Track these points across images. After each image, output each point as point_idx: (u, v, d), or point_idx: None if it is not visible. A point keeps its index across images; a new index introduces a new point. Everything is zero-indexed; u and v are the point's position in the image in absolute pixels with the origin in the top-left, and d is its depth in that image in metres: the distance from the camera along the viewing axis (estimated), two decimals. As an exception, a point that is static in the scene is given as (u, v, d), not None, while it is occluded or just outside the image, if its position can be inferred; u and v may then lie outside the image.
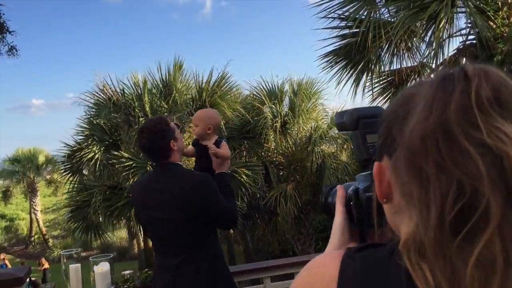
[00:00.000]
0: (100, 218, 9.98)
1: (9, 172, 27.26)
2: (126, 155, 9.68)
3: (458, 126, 0.61)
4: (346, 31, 6.44)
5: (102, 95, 10.74)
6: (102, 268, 2.86)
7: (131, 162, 9.49)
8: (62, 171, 10.82)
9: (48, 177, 28.15)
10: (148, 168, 9.36)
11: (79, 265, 2.93)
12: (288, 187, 10.74)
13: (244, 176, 10.24)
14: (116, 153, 9.74)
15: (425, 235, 0.59)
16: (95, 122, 10.59)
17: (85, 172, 10.99)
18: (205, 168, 2.84)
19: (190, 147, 3.10)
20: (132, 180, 9.51)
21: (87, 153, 10.18)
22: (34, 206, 27.64)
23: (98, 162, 10.22)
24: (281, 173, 11.73)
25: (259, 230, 11.91)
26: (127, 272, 3.00)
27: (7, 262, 14.92)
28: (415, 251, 0.60)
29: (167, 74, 11.08)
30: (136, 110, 10.05)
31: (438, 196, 0.58)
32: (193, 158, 3.19)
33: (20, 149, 27.71)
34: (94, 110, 10.87)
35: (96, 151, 10.25)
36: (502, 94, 0.63)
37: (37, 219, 27.92)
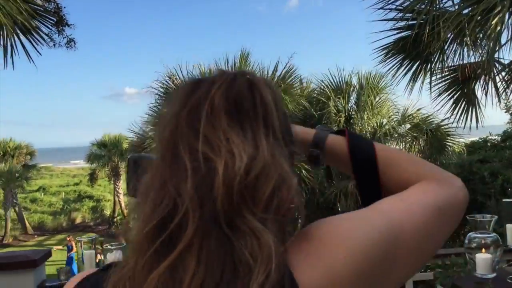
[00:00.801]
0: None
1: (96, 156, 29.10)
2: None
3: (183, 135, 0.59)
4: (404, 23, 6.09)
5: (172, 85, 11.09)
6: (115, 256, 2.97)
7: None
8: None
9: (130, 162, 29.58)
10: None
11: (93, 251, 3.07)
12: (349, 184, 10.44)
13: (304, 171, 10.12)
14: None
15: (133, 240, 0.58)
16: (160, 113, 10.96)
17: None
18: None
19: None
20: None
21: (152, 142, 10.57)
22: (118, 189, 29.31)
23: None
24: (345, 169, 11.41)
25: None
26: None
27: (73, 243, 15.97)
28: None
29: (233, 65, 11.20)
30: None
31: (148, 207, 0.57)
32: None
33: (107, 135, 29.50)
34: (163, 99, 11.25)
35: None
36: (239, 105, 0.57)
37: (119, 201, 29.60)
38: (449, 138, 11.09)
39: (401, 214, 0.67)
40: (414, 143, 11.36)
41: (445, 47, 6.41)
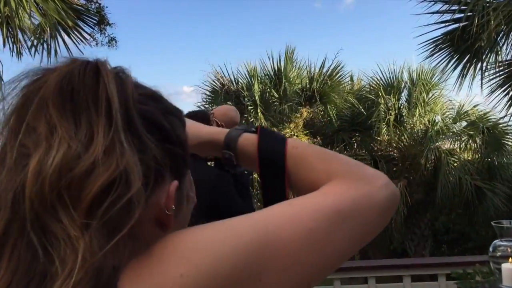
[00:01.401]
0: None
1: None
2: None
3: (12, 129, 0.53)
4: (450, 15, 5.77)
5: (218, 84, 11.20)
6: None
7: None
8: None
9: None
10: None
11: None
12: (398, 184, 10.07)
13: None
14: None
15: None
16: (206, 111, 11.09)
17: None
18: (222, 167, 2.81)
19: None
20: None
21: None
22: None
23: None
24: (394, 169, 11.05)
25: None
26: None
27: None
28: None
29: (278, 63, 11.13)
30: (246, 99, 10.26)
31: None
32: None
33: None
34: (210, 98, 11.38)
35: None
36: (77, 95, 0.52)
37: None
38: (507, 136, 10.46)
39: (282, 220, 0.58)
40: (470, 141, 10.80)
41: (498, 40, 6.02)
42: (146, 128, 0.56)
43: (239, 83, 10.99)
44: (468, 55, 6.12)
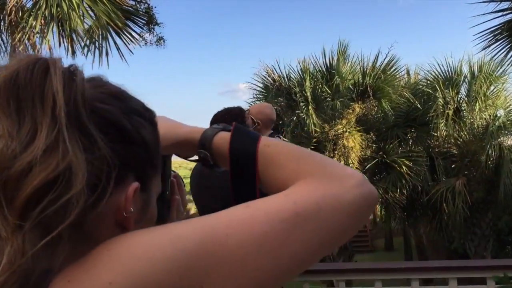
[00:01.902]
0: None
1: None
2: (285, 139, 9.93)
3: None
4: (508, 3, 5.41)
5: (270, 80, 11.17)
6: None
7: (287, 147, 9.70)
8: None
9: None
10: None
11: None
12: (457, 182, 9.64)
13: (404, 167, 9.57)
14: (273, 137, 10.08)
15: None
16: (257, 107, 11.10)
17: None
18: None
19: None
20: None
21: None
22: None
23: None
24: (452, 166, 10.58)
25: (420, 226, 11.03)
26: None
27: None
28: None
29: (330, 58, 10.94)
30: (297, 95, 10.17)
31: None
32: None
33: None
34: (262, 94, 11.38)
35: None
36: (22, 91, 0.51)
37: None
38: None
39: (233, 224, 0.55)
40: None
41: None
42: (102, 127, 0.54)
43: (291, 79, 10.91)
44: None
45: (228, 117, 2.59)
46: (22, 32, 5.21)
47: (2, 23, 5.74)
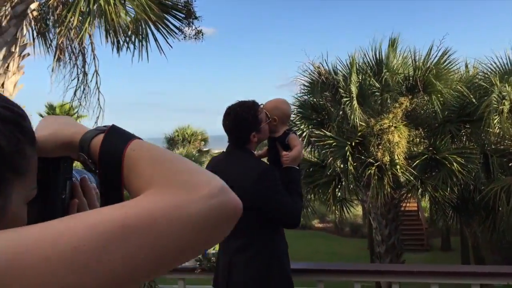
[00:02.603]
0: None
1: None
2: (328, 133, 9.79)
3: None
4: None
5: (316, 74, 11.01)
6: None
7: (331, 141, 9.57)
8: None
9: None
10: (347, 148, 9.28)
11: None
12: (515, 182, 9.08)
13: (455, 164, 9.14)
14: (316, 132, 9.95)
15: None
16: (303, 101, 10.99)
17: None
18: (273, 162, 2.73)
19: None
20: (331, 159, 9.62)
21: (296, 130, 10.68)
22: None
23: (306, 139, 10.61)
24: (509, 164, 9.97)
25: (472, 227, 10.49)
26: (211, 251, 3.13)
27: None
28: None
29: (379, 52, 10.62)
30: (342, 90, 9.97)
31: None
32: None
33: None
34: (307, 89, 11.24)
35: (304, 129, 10.65)
36: None
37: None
38: None
39: (45, 237, 0.51)
40: None
41: None
42: None
43: (338, 73, 10.70)
44: None
45: (240, 110, 2.57)
46: (67, 28, 5.40)
47: (50, 19, 6.01)
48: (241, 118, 2.52)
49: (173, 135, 30.40)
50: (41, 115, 20.19)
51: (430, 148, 9.69)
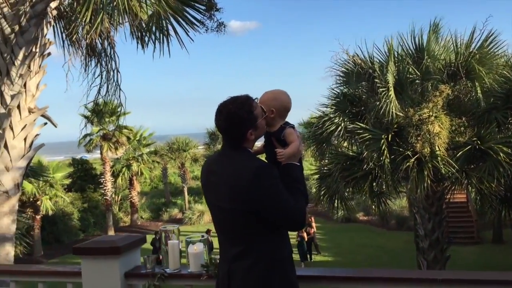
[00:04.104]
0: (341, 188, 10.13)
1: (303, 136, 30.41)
2: (363, 126, 9.44)
3: None
4: None
5: (352, 64, 10.63)
6: (196, 248, 2.95)
7: (366, 134, 9.22)
8: (311, 140, 11.40)
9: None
10: (383, 141, 8.91)
11: (177, 241, 3.09)
12: None
13: (502, 154, 8.59)
14: (352, 125, 9.62)
15: None
16: (338, 92, 10.66)
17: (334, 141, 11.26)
18: (271, 159, 2.53)
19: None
20: (366, 152, 9.29)
21: (331, 124, 10.37)
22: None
23: (342, 131, 10.29)
24: None
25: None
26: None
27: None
28: None
29: (420, 38, 10.11)
30: (378, 80, 9.56)
31: None
32: None
33: (314, 115, 30.41)
34: (343, 79, 10.89)
35: (340, 122, 10.32)
36: None
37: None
38: None
39: None
40: None
41: None
42: None
43: (374, 63, 10.28)
44: None
45: (233, 107, 2.37)
46: (94, 27, 5.34)
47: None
48: (235, 116, 2.31)
49: (215, 130, 30.70)
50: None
51: (474, 138, 9.14)
